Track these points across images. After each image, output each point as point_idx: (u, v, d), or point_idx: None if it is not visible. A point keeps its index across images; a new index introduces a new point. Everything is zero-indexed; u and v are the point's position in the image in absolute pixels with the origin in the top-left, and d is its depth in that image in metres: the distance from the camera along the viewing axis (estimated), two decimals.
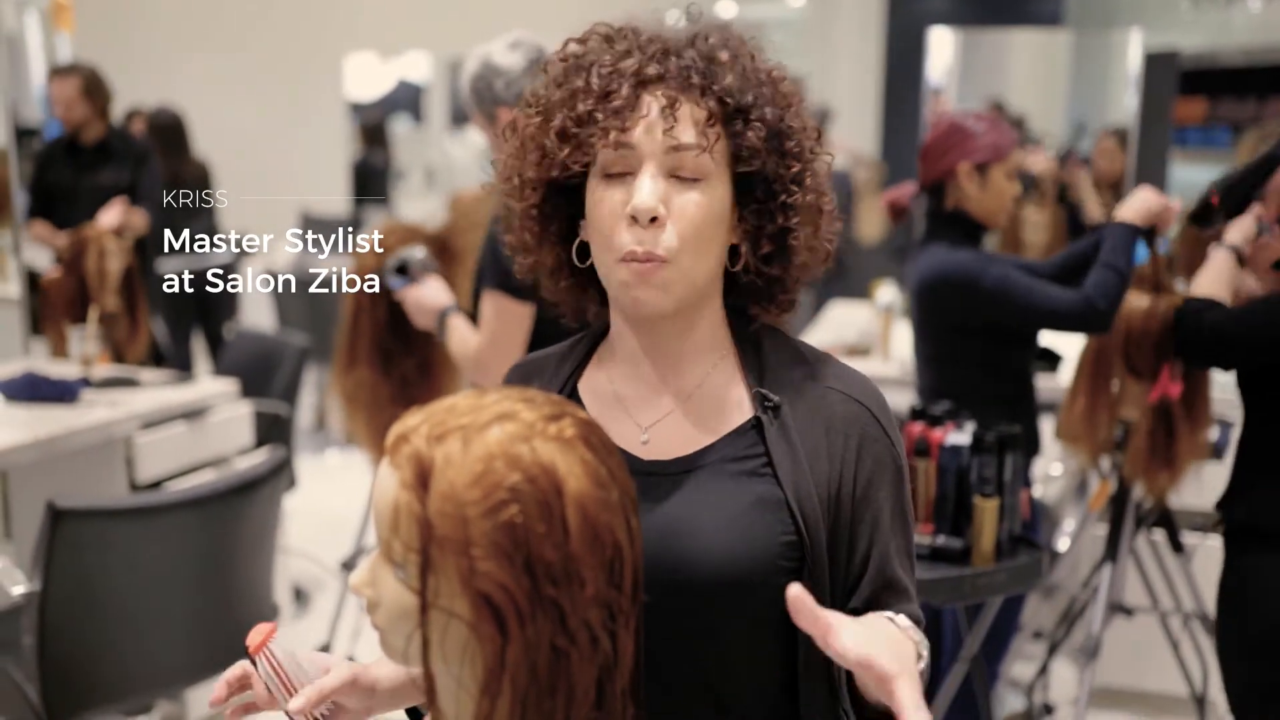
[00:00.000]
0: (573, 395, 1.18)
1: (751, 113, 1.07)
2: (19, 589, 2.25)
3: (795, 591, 0.87)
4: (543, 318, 2.15)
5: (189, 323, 5.06)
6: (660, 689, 1.08)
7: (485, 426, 0.88)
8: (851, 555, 1.10)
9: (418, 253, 2.39)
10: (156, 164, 4.50)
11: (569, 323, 1.23)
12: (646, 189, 1.04)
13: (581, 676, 0.89)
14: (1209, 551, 3.00)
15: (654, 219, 1.04)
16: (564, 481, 0.87)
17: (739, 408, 1.13)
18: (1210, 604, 2.80)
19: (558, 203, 1.12)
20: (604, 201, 1.07)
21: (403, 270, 2.37)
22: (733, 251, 1.12)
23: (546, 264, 1.16)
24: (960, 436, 2.08)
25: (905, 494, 1.13)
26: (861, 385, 1.14)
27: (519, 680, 0.87)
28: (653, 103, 1.05)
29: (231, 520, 2.33)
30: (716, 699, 1.10)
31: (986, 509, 2.04)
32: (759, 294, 1.15)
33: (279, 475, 2.42)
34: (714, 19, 1.14)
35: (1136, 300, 2.41)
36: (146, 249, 4.22)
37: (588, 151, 1.06)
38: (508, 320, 2.16)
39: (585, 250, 1.12)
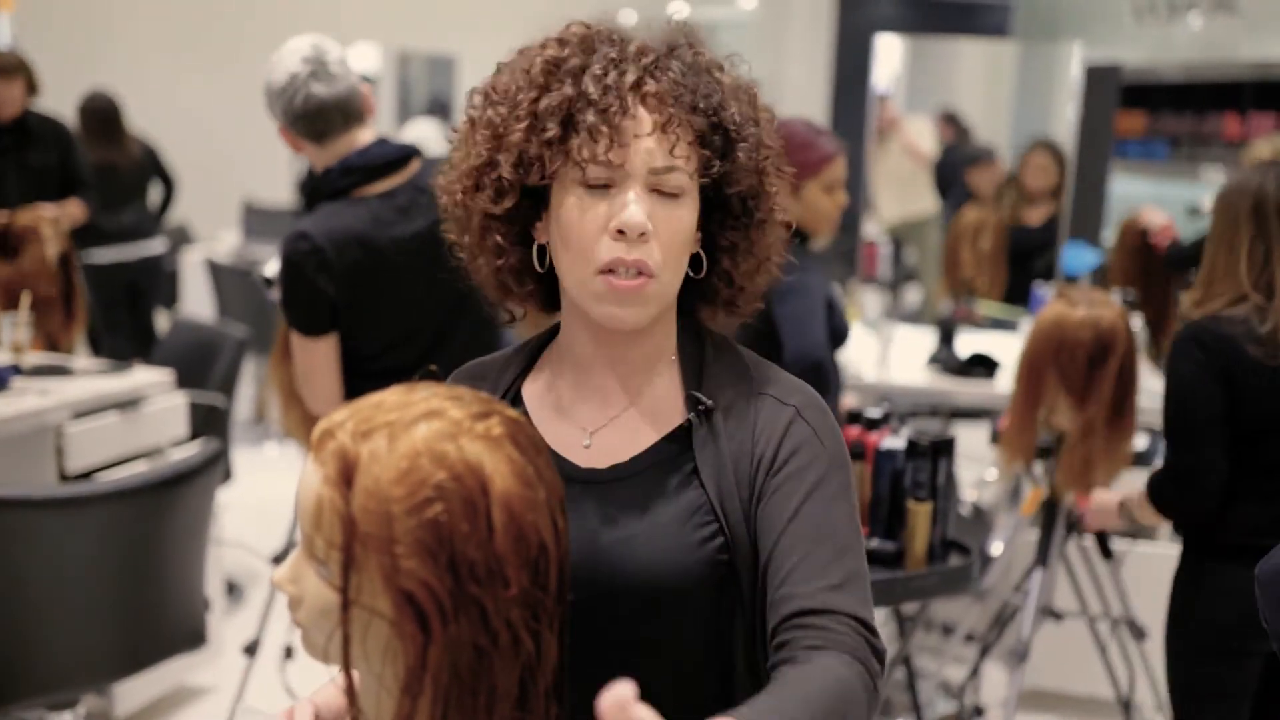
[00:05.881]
0: (516, 400, 1.16)
1: (740, 132, 1.08)
2: None
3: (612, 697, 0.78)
4: (349, 344, 2.25)
5: (120, 312, 4.97)
6: (593, 694, 1.08)
7: (412, 423, 0.88)
8: (764, 542, 1.05)
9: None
10: (78, 144, 4.43)
11: (501, 321, 1.21)
12: (636, 208, 1.04)
13: (504, 676, 0.88)
14: (1138, 558, 3.07)
15: (642, 234, 1.03)
16: (490, 480, 0.87)
17: (675, 413, 1.12)
18: (1138, 610, 2.87)
19: (523, 205, 1.10)
20: (585, 213, 1.05)
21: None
22: (693, 259, 1.12)
23: (511, 267, 1.13)
24: (895, 441, 2.10)
25: (836, 484, 1.07)
26: (795, 390, 1.13)
27: (441, 679, 0.86)
28: (649, 119, 1.05)
29: (162, 513, 2.30)
30: (650, 705, 1.10)
31: (920, 513, 2.06)
32: (727, 303, 1.16)
33: (212, 467, 2.39)
34: (681, 24, 1.13)
35: (1068, 309, 2.45)
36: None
37: (575, 159, 1.04)
38: (308, 354, 2.25)
39: (542, 253, 1.11)
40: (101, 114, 4.86)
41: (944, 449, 2.09)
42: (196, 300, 5.69)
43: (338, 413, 0.91)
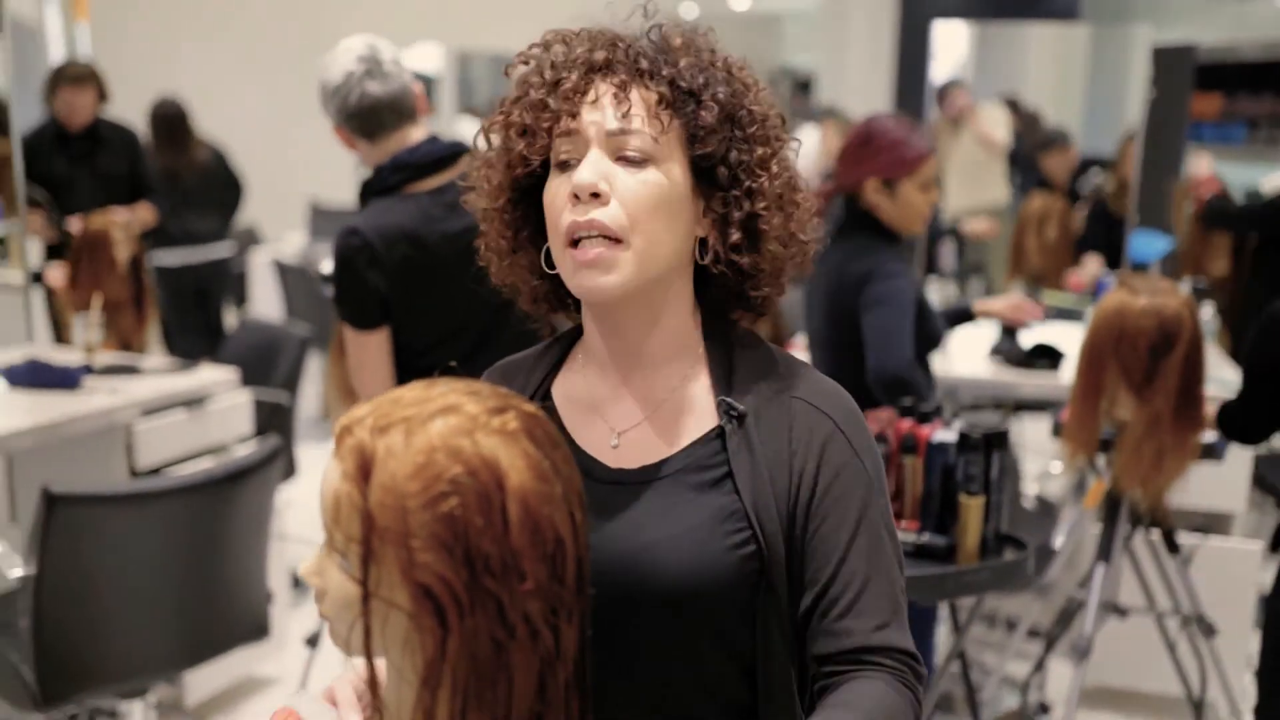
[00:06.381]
0: (546, 398, 1.17)
1: (703, 94, 1.07)
2: (16, 572, 2.28)
3: None
4: (399, 339, 2.27)
5: (191, 313, 5.09)
6: (621, 700, 1.08)
7: (428, 419, 0.89)
8: (817, 570, 1.07)
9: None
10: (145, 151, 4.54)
11: (542, 332, 1.23)
12: (587, 167, 1.04)
13: (522, 669, 0.89)
14: (1209, 553, 2.99)
15: (596, 195, 1.04)
16: (505, 475, 0.88)
17: (706, 416, 1.11)
18: (1209, 606, 2.80)
19: (528, 206, 1.12)
20: (554, 190, 1.07)
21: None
22: (702, 246, 1.11)
23: (521, 268, 1.15)
24: (947, 434, 2.07)
25: (874, 507, 1.08)
26: (831, 396, 1.12)
27: (459, 672, 0.87)
28: (602, 87, 1.06)
29: (223, 507, 2.35)
30: (677, 710, 1.10)
31: (971, 506, 2.03)
32: (733, 290, 1.13)
33: (272, 463, 2.44)
34: (674, 17, 1.13)
35: (1130, 298, 2.39)
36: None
37: (541, 140, 1.07)
38: (360, 348, 2.28)
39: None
40: (170, 120, 4.98)
41: (997, 442, 2.05)
42: (265, 300, 5.80)
43: (359, 409, 0.93)
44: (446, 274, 2.25)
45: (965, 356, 3.59)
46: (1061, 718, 2.59)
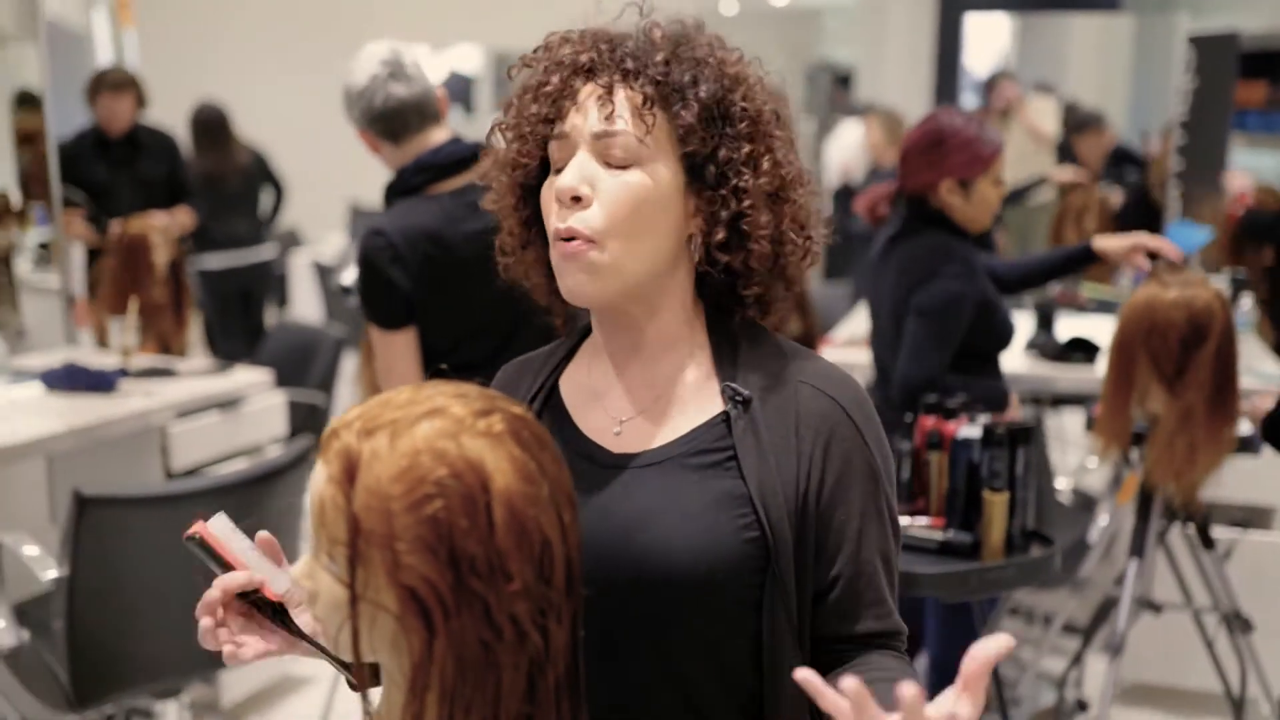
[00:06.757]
0: (554, 389, 1.18)
1: (688, 91, 1.07)
2: (50, 574, 2.32)
3: (803, 675, 0.82)
4: (428, 338, 2.27)
5: (233, 315, 5.16)
6: (624, 685, 1.08)
7: (414, 422, 0.89)
8: (820, 559, 1.08)
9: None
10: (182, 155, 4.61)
11: (559, 328, 1.24)
12: (570, 170, 1.06)
13: (510, 670, 0.89)
14: (1249, 548, 2.94)
15: (578, 199, 1.05)
16: (490, 477, 0.88)
17: (710, 402, 1.11)
18: (1249, 602, 2.75)
19: (535, 205, 1.13)
20: (546, 192, 1.09)
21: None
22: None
23: (530, 263, 1.17)
24: (971, 430, 2.05)
25: (881, 496, 1.10)
26: (837, 381, 1.12)
27: (446, 673, 0.88)
28: (588, 90, 1.07)
29: (254, 508, 2.37)
30: (682, 697, 1.09)
31: (996, 503, 2.01)
32: (725, 289, 1.13)
33: (302, 464, 2.46)
34: (675, 13, 1.13)
35: (1160, 291, 2.36)
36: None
37: (532, 144, 1.09)
38: (387, 349, 2.30)
39: None
40: (210, 124, 5.05)
41: (1022, 437, 2.03)
42: (305, 301, 5.86)
43: (349, 412, 0.93)
44: (469, 273, 2.26)
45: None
46: (1097, 715, 2.55)
